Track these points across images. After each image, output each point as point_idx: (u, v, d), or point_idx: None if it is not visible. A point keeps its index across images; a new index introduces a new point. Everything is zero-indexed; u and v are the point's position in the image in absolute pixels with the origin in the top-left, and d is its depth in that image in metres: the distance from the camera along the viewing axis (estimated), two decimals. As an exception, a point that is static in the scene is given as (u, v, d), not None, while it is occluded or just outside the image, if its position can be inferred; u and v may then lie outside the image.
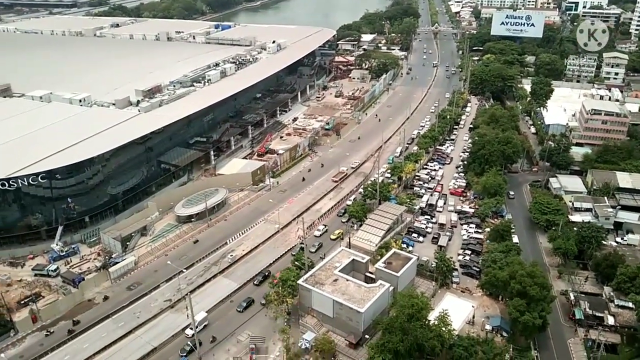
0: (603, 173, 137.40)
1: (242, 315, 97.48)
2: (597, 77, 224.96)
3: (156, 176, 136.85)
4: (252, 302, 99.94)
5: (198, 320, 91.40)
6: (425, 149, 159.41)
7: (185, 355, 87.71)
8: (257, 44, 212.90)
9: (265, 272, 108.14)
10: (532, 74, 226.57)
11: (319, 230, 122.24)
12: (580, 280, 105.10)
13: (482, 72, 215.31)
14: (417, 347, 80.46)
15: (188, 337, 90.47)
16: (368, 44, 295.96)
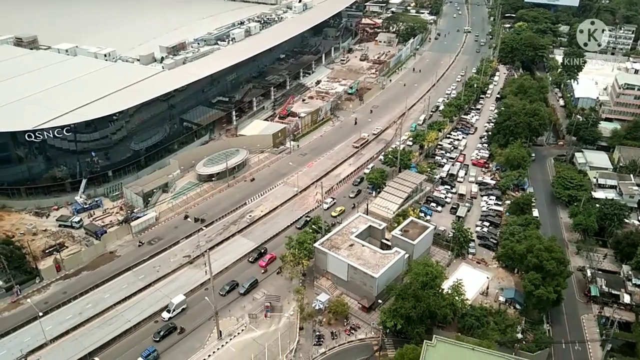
0: (631, 150, 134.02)
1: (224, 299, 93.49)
2: (633, 50, 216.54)
3: (178, 134, 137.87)
4: (235, 286, 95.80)
5: (176, 303, 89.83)
6: (450, 117, 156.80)
7: (158, 340, 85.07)
8: (282, 3, 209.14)
9: (262, 249, 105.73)
10: (565, 45, 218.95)
11: (327, 204, 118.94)
12: (599, 258, 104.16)
13: (513, 40, 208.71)
14: (429, 314, 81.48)
15: (164, 320, 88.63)
16: (397, 6, 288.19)
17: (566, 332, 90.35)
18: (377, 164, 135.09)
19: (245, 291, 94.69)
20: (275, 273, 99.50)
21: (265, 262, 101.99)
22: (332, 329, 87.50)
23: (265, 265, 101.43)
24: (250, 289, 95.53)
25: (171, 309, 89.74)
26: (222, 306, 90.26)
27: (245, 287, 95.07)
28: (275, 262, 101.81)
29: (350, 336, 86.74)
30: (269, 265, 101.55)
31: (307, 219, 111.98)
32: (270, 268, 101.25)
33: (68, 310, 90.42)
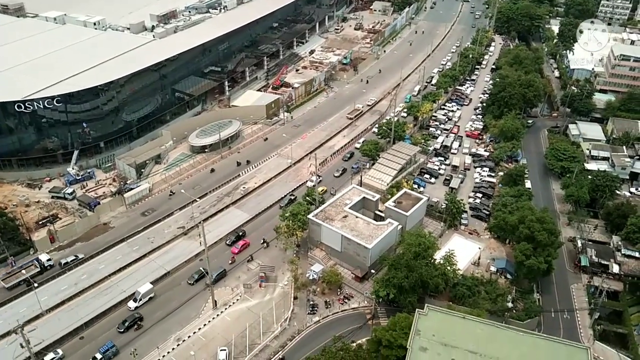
0: (624, 122, 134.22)
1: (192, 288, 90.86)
2: (630, 20, 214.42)
3: (170, 105, 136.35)
4: (204, 275, 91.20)
5: (142, 292, 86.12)
6: (445, 88, 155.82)
7: (123, 331, 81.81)
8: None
9: (240, 231, 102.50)
10: (562, 14, 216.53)
11: (312, 182, 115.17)
12: (590, 228, 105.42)
13: (509, 10, 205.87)
14: (421, 283, 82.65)
15: (131, 310, 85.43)
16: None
17: (556, 301, 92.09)
18: (369, 137, 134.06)
19: (213, 281, 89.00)
20: (246, 261, 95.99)
21: (238, 248, 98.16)
22: (326, 299, 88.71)
23: (237, 252, 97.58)
24: (219, 279, 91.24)
25: (138, 298, 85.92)
26: (188, 297, 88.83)
27: (213, 277, 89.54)
28: (249, 248, 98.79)
29: (343, 305, 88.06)
30: (241, 253, 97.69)
31: (292, 198, 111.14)
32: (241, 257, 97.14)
33: (63, 281, 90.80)
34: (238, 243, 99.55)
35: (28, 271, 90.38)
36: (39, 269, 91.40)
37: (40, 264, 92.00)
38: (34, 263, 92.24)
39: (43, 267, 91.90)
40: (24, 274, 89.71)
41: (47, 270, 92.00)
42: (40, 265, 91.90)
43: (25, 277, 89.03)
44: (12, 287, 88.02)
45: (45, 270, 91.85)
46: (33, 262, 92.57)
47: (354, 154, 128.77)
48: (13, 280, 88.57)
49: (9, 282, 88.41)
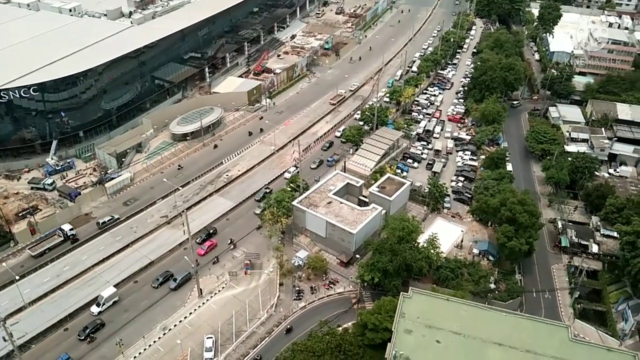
0: (603, 104, 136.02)
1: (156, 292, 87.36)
2: (608, 2, 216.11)
3: (150, 92, 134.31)
4: (169, 277, 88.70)
5: (105, 297, 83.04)
6: (426, 72, 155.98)
7: (83, 338, 78.57)
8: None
9: (211, 228, 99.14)
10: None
11: (289, 173, 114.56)
12: (570, 210, 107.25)
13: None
14: (405, 267, 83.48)
15: (93, 315, 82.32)
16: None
17: (537, 281, 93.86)
18: (349, 124, 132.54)
19: (176, 286, 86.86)
20: (211, 263, 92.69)
21: (204, 249, 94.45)
22: (311, 284, 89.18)
23: (203, 253, 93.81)
24: (183, 282, 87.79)
25: (101, 303, 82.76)
26: (149, 304, 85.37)
27: (177, 282, 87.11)
28: (216, 249, 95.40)
29: (329, 290, 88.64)
30: (208, 254, 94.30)
31: (267, 191, 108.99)
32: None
33: (45, 273, 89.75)
34: (204, 244, 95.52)
35: (52, 240, 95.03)
36: (63, 238, 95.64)
37: (64, 233, 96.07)
38: (57, 232, 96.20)
39: (66, 237, 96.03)
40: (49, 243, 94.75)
41: (70, 239, 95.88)
42: (64, 234, 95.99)
43: (51, 244, 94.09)
44: (38, 255, 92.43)
45: (69, 239, 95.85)
46: (56, 231, 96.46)
47: (333, 143, 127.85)
48: (39, 249, 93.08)
49: (36, 250, 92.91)
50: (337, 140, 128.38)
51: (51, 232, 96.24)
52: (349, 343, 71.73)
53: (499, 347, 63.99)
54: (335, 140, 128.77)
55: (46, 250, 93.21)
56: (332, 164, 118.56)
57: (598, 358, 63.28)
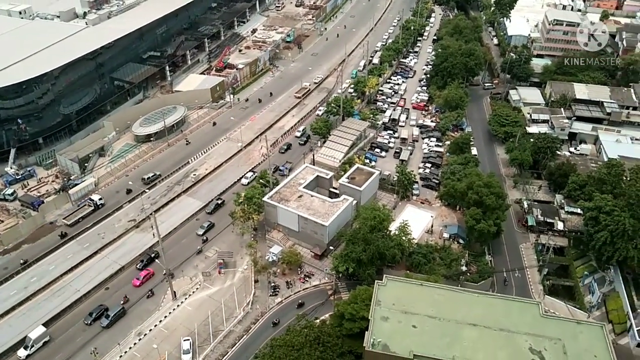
0: (561, 85, 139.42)
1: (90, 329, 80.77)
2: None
3: (110, 94, 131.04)
4: (104, 312, 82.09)
5: (34, 338, 76.65)
6: (389, 62, 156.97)
7: None
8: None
9: (152, 252, 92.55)
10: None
11: (247, 178, 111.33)
12: (534, 189, 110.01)
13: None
14: (378, 255, 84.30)
15: (20, 359, 76.21)
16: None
17: (507, 261, 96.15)
18: (311, 121, 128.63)
19: (109, 323, 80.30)
20: (146, 297, 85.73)
21: (140, 279, 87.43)
22: (287, 279, 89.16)
23: (139, 284, 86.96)
24: (115, 320, 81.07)
25: (29, 345, 76.24)
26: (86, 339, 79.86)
27: (109, 319, 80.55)
28: (153, 278, 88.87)
29: (305, 284, 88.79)
30: (144, 284, 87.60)
31: (218, 202, 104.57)
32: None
33: (11, 285, 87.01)
34: (140, 273, 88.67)
35: (83, 210, 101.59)
36: (93, 207, 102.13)
37: (94, 202, 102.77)
38: (87, 202, 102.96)
39: (96, 206, 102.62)
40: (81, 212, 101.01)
41: (99, 208, 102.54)
42: (94, 203, 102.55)
43: (83, 214, 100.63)
44: (73, 224, 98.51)
45: (98, 209, 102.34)
46: (86, 201, 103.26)
47: (291, 145, 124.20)
48: (73, 218, 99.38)
49: (71, 220, 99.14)
50: (296, 141, 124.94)
51: (82, 202, 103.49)
52: (327, 334, 72.12)
53: (473, 327, 65.37)
54: (294, 142, 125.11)
55: (79, 219, 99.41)
56: (285, 173, 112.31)
57: (568, 331, 65.33)
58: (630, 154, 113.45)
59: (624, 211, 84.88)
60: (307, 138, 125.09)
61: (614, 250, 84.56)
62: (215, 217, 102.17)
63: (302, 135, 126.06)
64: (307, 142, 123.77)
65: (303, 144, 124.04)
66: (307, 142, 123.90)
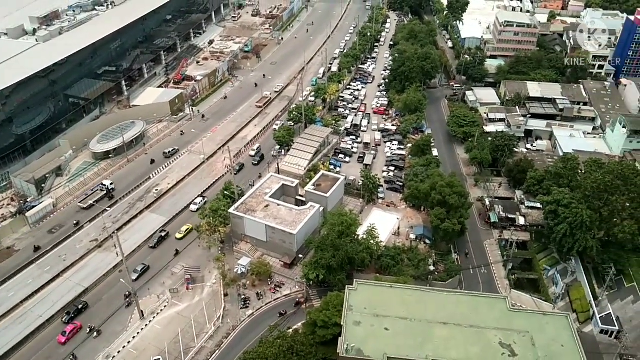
0: (515, 84, 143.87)
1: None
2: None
3: (65, 112, 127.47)
4: None
5: None
6: (348, 68, 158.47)
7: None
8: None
9: (80, 303, 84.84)
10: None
11: (195, 204, 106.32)
12: (495, 187, 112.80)
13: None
14: (348, 260, 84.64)
15: None
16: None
17: (472, 258, 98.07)
18: (266, 140, 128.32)
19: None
20: None
21: (65, 335, 79.01)
22: (257, 290, 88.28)
23: (64, 340, 78.63)
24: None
25: None
26: None
27: None
28: (82, 331, 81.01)
29: (275, 294, 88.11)
30: (70, 340, 79.28)
31: (162, 235, 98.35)
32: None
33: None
34: (66, 328, 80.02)
35: (95, 195, 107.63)
36: (105, 192, 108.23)
37: (106, 187, 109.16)
38: (99, 188, 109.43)
39: (108, 190, 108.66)
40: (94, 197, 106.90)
41: (111, 192, 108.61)
42: (106, 188, 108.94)
43: (96, 198, 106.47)
44: (88, 207, 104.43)
45: (110, 192, 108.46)
46: (99, 187, 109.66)
47: (244, 166, 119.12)
48: (88, 202, 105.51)
49: (86, 203, 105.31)
50: (249, 161, 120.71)
51: (95, 188, 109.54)
52: (300, 344, 71.71)
53: (444, 326, 66.33)
54: (248, 161, 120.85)
55: (94, 203, 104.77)
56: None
57: (535, 323, 67.07)
58: (583, 147, 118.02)
59: (581, 203, 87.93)
60: (261, 158, 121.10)
61: (574, 242, 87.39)
62: (160, 250, 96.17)
63: (257, 154, 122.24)
64: (261, 162, 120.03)
65: (257, 163, 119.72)
66: (261, 161, 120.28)
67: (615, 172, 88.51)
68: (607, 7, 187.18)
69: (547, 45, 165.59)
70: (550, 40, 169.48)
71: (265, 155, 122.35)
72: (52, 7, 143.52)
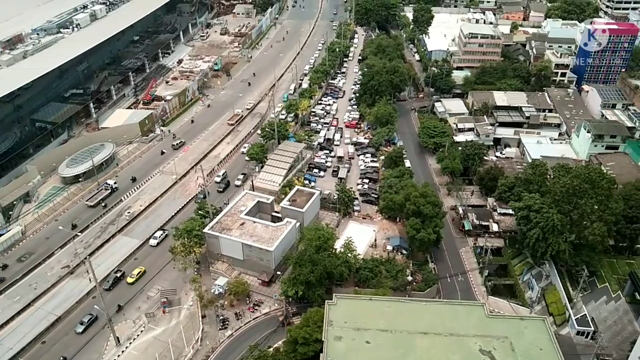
0: (482, 94, 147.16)
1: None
2: (472, 1, 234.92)
3: (32, 137, 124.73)
4: None
5: None
6: (318, 84, 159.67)
7: None
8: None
9: None
10: (413, 1, 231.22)
11: (155, 239, 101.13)
12: (467, 195, 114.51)
13: (366, 1, 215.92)
14: (326, 275, 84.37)
15: None
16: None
17: (449, 266, 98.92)
18: (234, 162, 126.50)
19: None
20: None
21: None
22: (235, 310, 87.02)
23: None
24: None
25: None
26: None
27: None
28: None
29: (254, 313, 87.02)
30: None
31: (117, 275, 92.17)
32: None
33: None
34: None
35: (101, 194, 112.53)
36: (110, 191, 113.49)
37: (110, 186, 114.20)
38: (104, 186, 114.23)
39: (112, 189, 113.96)
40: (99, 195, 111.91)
41: (114, 191, 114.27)
42: (110, 187, 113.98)
43: (102, 196, 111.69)
44: (94, 205, 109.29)
45: (114, 192, 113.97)
46: (104, 185, 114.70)
47: (207, 195, 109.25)
48: (95, 200, 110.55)
49: (93, 201, 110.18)
50: (214, 188, 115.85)
51: (101, 187, 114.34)
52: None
53: (425, 336, 66.27)
54: (213, 188, 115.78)
55: (100, 201, 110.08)
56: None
57: (514, 328, 67.66)
58: (551, 153, 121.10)
59: (551, 207, 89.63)
60: (226, 185, 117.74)
61: (547, 246, 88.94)
62: (114, 294, 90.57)
63: (222, 181, 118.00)
64: (227, 189, 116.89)
65: (222, 191, 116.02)
66: (227, 188, 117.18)
67: (583, 176, 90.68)
68: (565, 18, 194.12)
69: (511, 55, 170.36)
70: (513, 50, 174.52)
71: (232, 182, 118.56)
72: (15, 30, 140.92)
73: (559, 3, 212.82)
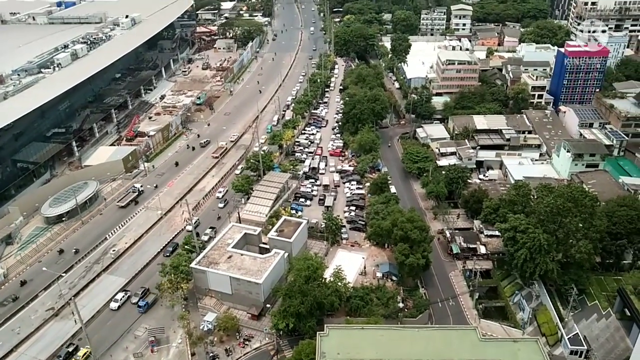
0: (462, 118, 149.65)
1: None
2: (447, 29, 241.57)
3: (13, 177, 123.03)
4: None
5: None
6: (301, 114, 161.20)
7: None
8: (108, 20, 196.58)
9: None
10: (391, 31, 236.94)
11: (116, 301, 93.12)
12: (453, 218, 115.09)
13: (345, 32, 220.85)
14: (317, 305, 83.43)
15: None
16: (229, 11, 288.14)
17: (439, 290, 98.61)
18: (208, 207, 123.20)
19: None
20: None
21: None
22: (225, 346, 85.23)
23: None
24: None
25: None
26: None
27: None
28: None
29: (245, 348, 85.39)
30: None
31: (69, 350, 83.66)
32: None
33: None
34: None
35: (129, 196, 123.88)
36: (137, 193, 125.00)
37: (136, 189, 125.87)
38: (132, 189, 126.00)
39: (139, 192, 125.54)
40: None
41: (141, 193, 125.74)
42: (137, 190, 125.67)
43: (131, 198, 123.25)
44: (125, 206, 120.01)
45: (141, 194, 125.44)
46: (132, 188, 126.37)
47: (177, 246, 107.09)
48: (125, 201, 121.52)
49: (123, 202, 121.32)
50: (198, 225, 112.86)
51: (129, 190, 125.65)
52: (275, 397, 69.30)
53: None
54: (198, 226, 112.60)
55: (130, 202, 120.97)
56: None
57: (507, 350, 67.27)
58: (533, 173, 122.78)
59: (537, 227, 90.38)
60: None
61: (535, 266, 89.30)
62: (100, 334, 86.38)
63: (195, 226, 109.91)
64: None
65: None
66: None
67: (566, 195, 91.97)
68: (538, 42, 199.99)
69: (489, 80, 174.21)
70: (490, 75, 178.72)
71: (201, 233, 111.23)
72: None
73: (531, 28, 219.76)
